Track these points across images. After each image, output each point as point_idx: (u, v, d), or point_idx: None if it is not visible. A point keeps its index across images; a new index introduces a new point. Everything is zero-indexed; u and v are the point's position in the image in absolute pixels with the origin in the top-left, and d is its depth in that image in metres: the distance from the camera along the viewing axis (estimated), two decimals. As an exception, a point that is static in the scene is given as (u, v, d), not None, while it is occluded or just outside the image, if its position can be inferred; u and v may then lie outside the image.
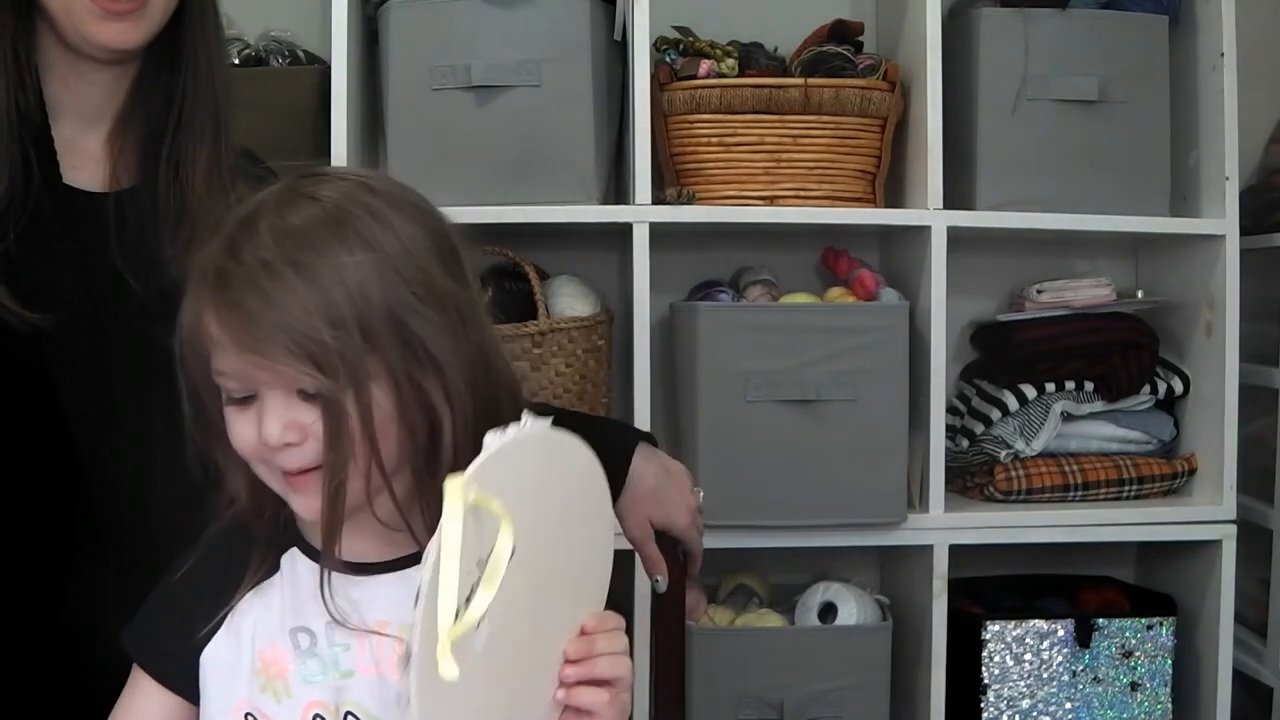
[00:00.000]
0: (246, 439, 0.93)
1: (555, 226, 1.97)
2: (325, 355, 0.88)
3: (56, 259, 1.18)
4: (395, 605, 0.97)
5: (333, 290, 0.89)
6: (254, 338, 0.89)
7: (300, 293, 0.88)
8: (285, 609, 0.98)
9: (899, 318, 1.99)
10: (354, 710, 0.96)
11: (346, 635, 0.96)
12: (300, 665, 0.96)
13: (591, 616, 0.93)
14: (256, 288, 0.89)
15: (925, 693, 2.01)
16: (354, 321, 0.89)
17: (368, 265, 0.90)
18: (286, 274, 0.89)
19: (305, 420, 0.91)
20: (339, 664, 0.96)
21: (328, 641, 0.97)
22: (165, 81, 1.24)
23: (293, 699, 0.95)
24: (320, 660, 0.96)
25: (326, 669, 0.96)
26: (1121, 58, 2.09)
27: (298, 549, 1.00)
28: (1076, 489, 2.10)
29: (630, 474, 1.29)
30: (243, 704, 0.96)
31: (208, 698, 0.98)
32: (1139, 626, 2.08)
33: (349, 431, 0.90)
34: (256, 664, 0.97)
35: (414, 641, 0.78)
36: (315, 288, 0.89)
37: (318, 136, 1.94)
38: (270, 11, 2.10)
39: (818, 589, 2.06)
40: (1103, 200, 2.08)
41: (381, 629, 0.97)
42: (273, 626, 0.97)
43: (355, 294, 0.89)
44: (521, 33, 1.93)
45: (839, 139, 2.02)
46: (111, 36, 1.17)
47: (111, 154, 1.24)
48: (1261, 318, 2.22)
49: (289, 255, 0.89)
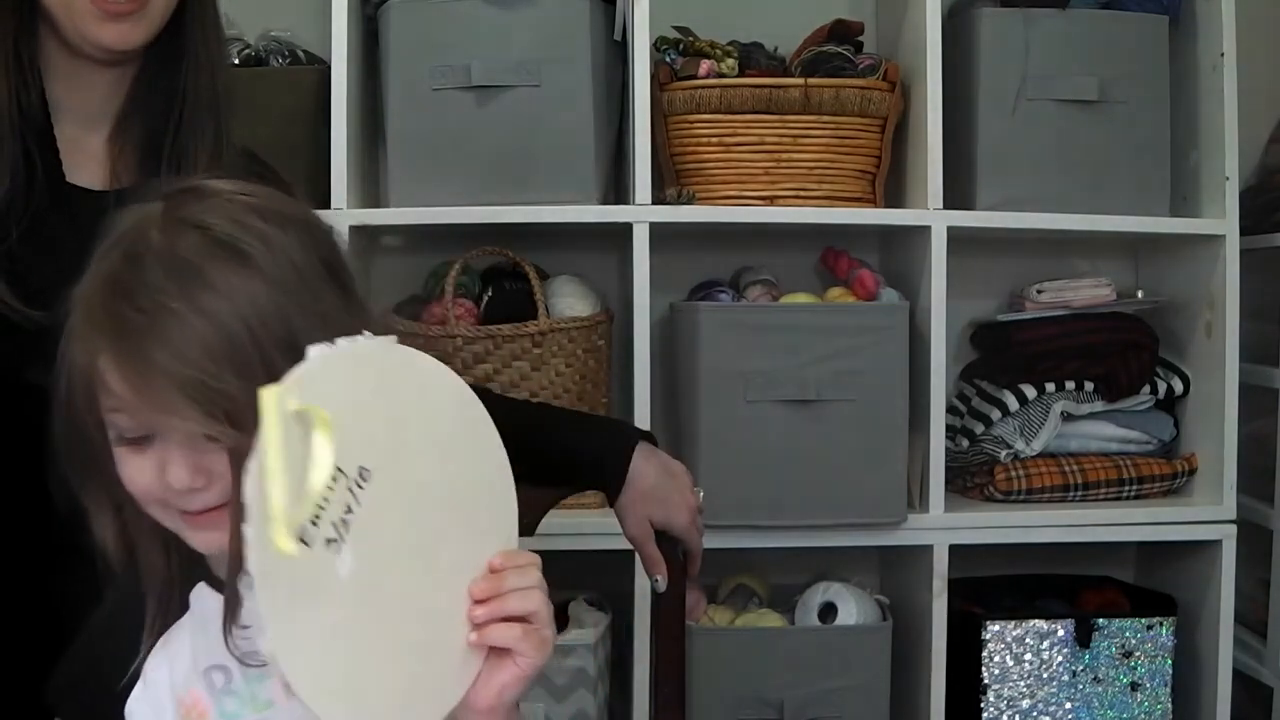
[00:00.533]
0: (142, 482, 0.88)
1: (555, 226, 1.97)
2: (233, 405, 0.82)
3: (59, 257, 1.18)
4: None
5: (233, 327, 0.84)
6: (157, 391, 0.84)
7: (201, 335, 0.83)
8: (197, 649, 0.94)
9: (899, 318, 1.99)
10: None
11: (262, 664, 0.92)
12: (218, 705, 0.93)
13: (499, 554, 0.89)
14: (156, 336, 0.83)
15: (925, 693, 2.01)
16: (256, 359, 0.83)
17: (264, 297, 0.85)
18: (185, 316, 0.83)
19: (210, 464, 0.87)
20: (256, 696, 0.93)
21: (243, 676, 0.93)
22: (166, 81, 1.24)
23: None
24: (237, 697, 0.93)
25: (244, 704, 0.93)
26: (1121, 58, 2.09)
27: (205, 584, 0.96)
28: (1076, 489, 2.10)
29: (630, 473, 1.29)
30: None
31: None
32: (1139, 626, 2.08)
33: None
34: (179, 712, 0.93)
35: (249, 529, 0.74)
36: (215, 327, 0.83)
37: (318, 136, 1.94)
38: (270, 11, 2.10)
39: (818, 589, 2.06)
40: (1103, 200, 2.08)
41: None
42: (186, 670, 0.94)
43: (255, 329, 0.84)
44: (521, 33, 1.93)
45: (839, 139, 2.02)
46: (112, 37, 1.17)
47: (113, 153, 1.24)
48: (1261, 318, 2.22)
49: (184, 292, 0.84)
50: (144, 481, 0.88)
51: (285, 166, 1.43)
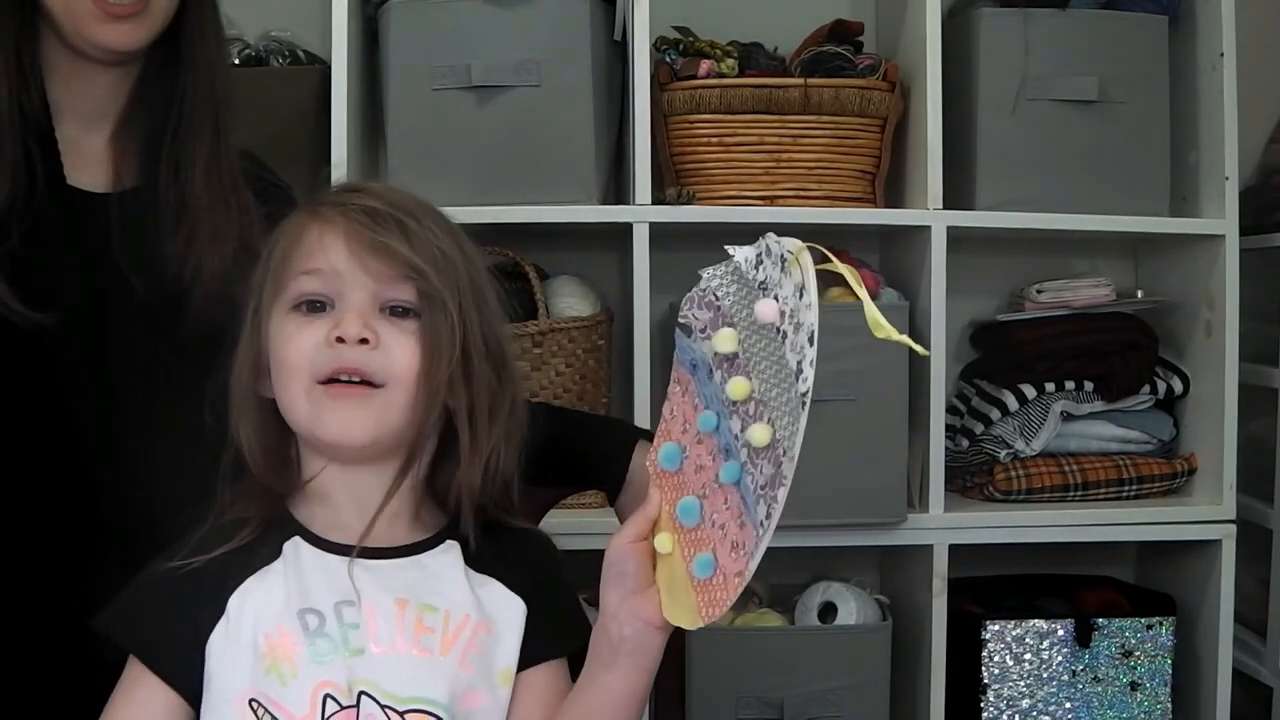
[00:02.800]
0: (305, 343, 0.97)
1: (555, 226, 1.97)
2: (442, 260, 0.98)
3: (60, 259, 1.18)
4: (409, 586, 0.99)
5: (446, 247, 1.00)
6: (370, 220, 0.97)
7: (425, 237, 0.99)
8: (290, 592, 0.98)
9: (899, 318, 1.99)
10: (367, 689, 0.95)
11: (356, 614, 0.97)
12: (309, 645, 0.96)
13: None
14: (388, 201, 0.99)
15: (925, 693, 2.01)
16: (463, 277, 1.00)
17: (466, 241, 1.02)
18: (411, 224, 0.99)
19: (379, 328, 0.97)
20: (348, 642, 0.96)
21: (337, 621, 0.97)
22: (166, 82, 1.24)
23: (299, 680, 0.95)
24: (330, 640, 0.96)
25: (335, 647, 0.96)
26: (1121, 58, 2.09)
27: (300, 538, 1.01)
28: (1076, 489, 2.10)
29: (630, 472, 1.29)
30: (246, 691, 0.96)
31: (211, 687, 0.97)
32: (1139, 626, 2.08)
33: (450, 338, 0.97)
34: (261, 648, 0.96)
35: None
36: (433, 239, 0.99)
37: (318, 136, 1.94)
38: (270, 11, 2.10)
39: (818, 589, 2.06)
40: (1103, 200, 2.08)
41: (400, 607, 0.98)
42: (277, 610, 0.97)
43: (455, 259, 1.00)
44: (521, 33, 1.94)
45: (839, 139, 2.02)
46: (113, 38, 1.17)
47: (114, 154, 1.24)
48: (1261, 318, 2.22)
49: (410, 211, 1.00)
50: (309, 344, 0.97)
51: (285, 166, 1.43)
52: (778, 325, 0.88)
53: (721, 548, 0.88)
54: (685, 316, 0.95)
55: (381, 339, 0.97)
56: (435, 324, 0.98)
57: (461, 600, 1.00)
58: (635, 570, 0.92)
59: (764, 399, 0.87)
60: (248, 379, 1.02)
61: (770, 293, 0.89)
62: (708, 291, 0.94)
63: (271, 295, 1.00)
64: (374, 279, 0.97)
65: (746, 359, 0.90)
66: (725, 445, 0.90)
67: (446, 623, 0.98)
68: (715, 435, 0.91)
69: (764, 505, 0.85)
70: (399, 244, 0.97)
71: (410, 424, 0.98)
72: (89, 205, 1.21)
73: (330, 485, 1.01)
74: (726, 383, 0.89)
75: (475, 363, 0.99)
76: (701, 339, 0.93)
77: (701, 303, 0.94)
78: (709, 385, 0.92)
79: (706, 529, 0.90)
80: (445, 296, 0.97)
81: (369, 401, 0.97)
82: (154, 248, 1.19)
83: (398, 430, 0.98)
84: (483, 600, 1.01)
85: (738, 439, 0.88)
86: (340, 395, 0.97)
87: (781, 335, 0.87)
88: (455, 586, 1.00)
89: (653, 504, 0.94)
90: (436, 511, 1.04)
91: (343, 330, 0.96)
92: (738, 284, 0.92)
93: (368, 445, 0.98)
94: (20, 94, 1.17)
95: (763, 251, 0.90)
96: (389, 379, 0.97)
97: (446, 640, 0.98)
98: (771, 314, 0.87)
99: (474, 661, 0.99)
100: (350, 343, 0.96)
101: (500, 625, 1.01)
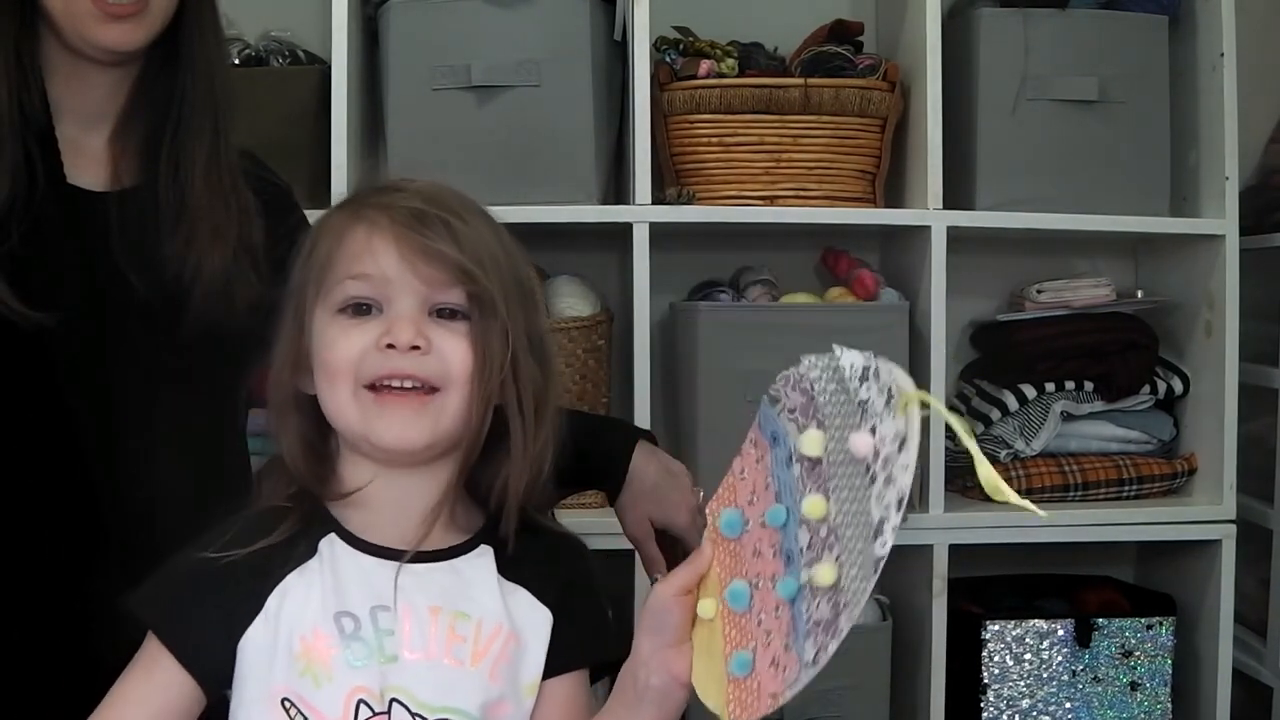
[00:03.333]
0: (353, 346, 0.96)
1: (555, 226, 1.97)
2: (496, 271, 0.97)
3: (60, 258, 1.18)
4: (445, 593, 0.99)
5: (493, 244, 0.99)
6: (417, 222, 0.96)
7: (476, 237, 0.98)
8: (326, 594, 0.97)
9: (899, 318, 1.99)
10: (399, 696, 0.95)
11: (391, 620, 0.97)
12: (344, 649, 0.95)
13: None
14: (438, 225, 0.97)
15: (925, 693, 2.01)
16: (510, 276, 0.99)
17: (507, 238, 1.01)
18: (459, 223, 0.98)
19: (430, 333, 0.96)
20: (383, 649, 0.96)
21: (373, 626, 0.96)
22: (166, 82, 1.24)
23: (334, 684, 0.95)
24: (365, 644, 0.96)
25: (371, 653, 0.96)
26: (1121, 58, 2.09)
27: (335, 535, 1.00)
28: (1076, 489, 2.10)
29: (630, 472, 1.29)
30: (279, 690, 0.95)
31: (243, 685, 0.97)
32: (1139, 626, 2.08)
33: (501, 338, 0.97)
34: (296, 649, 0.95)
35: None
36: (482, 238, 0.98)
37: (318, 136, 1.94)
38: (270, 11, 2.10)
39: (818, 589, 2.06)
40: (1103, 200, 2.08)
41: (433, 615, 0.97)
42: (314, 611, 0.96)
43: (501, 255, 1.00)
44: (521, 33, 1.94)
45: (839, 139, 2.02)
46: (113, 38, 1.17)
47: (114, 154, 1.24)
48: (1261, 318, 2.22)
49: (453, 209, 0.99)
50: (356, 347, 0.96)
51: (285, 166, 1.43)
52: (869, 465, 0.83)
53: (763, 654, 0.85)
54: (778, 391, 0.92)
55: (433, 343, 0.96)
56: (486, 326, 0.97)
57: (493, 609, 1.00)
58: (675, 624, 0.91)
59: (837, 530, 0.84)
60: (289, 378, 1.01)
61: (869, 422, 0.83)
62: (805, 379, 0.89)
63: (315, 296, 0.99)
64: (424, 283, 0.96)
65: (830, 474, 0.86)
66: (789, 551, 0.87)
67: (478, 632, 0.98)
68: (782, 532, 0.88)
69: (813, 645, 0.82)
70: (448, 247, 0.96)
71: (463, 426, 0.98)
72: (89, 204, 1.21)
73: (371, 487, 1.01)
74: (805, 492, 0.86)
75: (523, 361, 0.99)
76: (789, 419, 0.90)
77: (797, 386, 0.90)
78: (785, 471, 0.89)
79: (752, 624, 0.87)
80: (496, 298, 0.97)
81: (425, 407, 0.96)
82: (153, 247, 1.19)
83: (452, 433, 0.98)
84: (511, 609, 1.00)
85: (802, 554, 0.85)
86: (394, 401, 0.96)
87: (870, 477, 0.83)
88: (488, 594, 1.00)
89: (704, 559, 0.92)
90: (473, 512, 1.04)
91: (395, 337, 0.95)
92: (837, 386, 0.87)
93: (423, 450, 0.98)
94: (21, 94, 1.17)
95: (872, 368, 0.85)
96: (444, 383, 0.97)
97: (478, 651, 0.98)
98: (866, 449, 0.82)
99: (503, 673, 0.99)
100: (402, 349, 0.95)
101: (527, 636, 1.00)
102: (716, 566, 0.91)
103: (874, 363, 0.85)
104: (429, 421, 0.96)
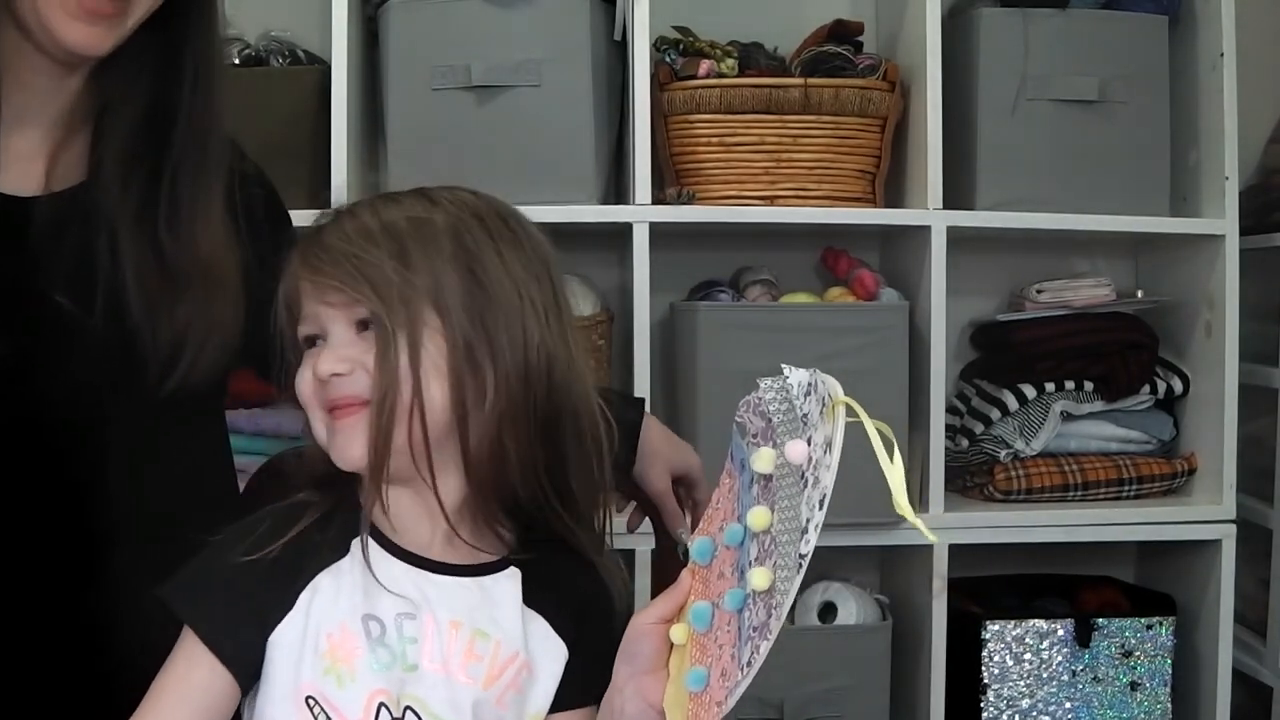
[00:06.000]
0: (306, 379, 1.00)
1: (555, 226, 1.93)
2: (385, 286, 0.96)
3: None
4: (469, 609, 0.99)
5: (396, 221, 1.00)
6: (323, 264, 0.98)
7: (364, 224, 1.00)
8: (356, 595, 0.98)
9: (899, 318, 1.99)
10: (414, 705, 0.96)
11: (415, 629, 0.97)
12: (370, 653, 0.96)
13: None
14: (341, 232, 1.00)
15: (925, 693, 2.01)
16: (425, 269, 0.98)
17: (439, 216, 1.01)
18: (359, 213, 1.01)
19: (357, 353, 0.97)
20: (406, 657, 0.97)
21: (397, 633, 0.97)
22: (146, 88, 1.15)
23: (356, 685, 0.95)
24: (390, 650, 0.96)
25: (395, 659, 0.96)
26: (1121, 58, 2.09)
27: (368, 535, 1.00)
28: (1076, 489, 2.10)
29: (642, 437, 1.30)
30: (306, 687, 0.96)
31: (272, 680, 0.97)
32: (1139, 626, 2.08)
33: (396, 358, 0.96)
34: (323, 647, 0.96)
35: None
36: (379, 220, 1.00)
37: (318, 137, 1.94)
38: (270, 11, 2.10)
39: (818, 589, 2.06)
40: (1103, 200, 2.08)
41: (454, 629, 0.98)
42: (343, 610, 0.97)
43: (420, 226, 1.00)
44: (521, 33, 1.94)
45: (839, 139, 2.02)
46: (81, 39, 1.08)
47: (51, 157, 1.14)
48: (1261, 318, 2.22)
49: (370, 204, 1.02)
50: (309, 379, 0.99)
51: (285, 166, 1.42)
52: (804, 470, 0.86)
53: (715, 668, 0.87)
54: (741, 418, 0.94)
55: (359, 360, 0.98)
56: (383, 339, 0.97)
57: (513, 633, 1.00)
58: (649, 652, 0.92)
59: (777, 539, 0.86)
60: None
61: (806, 432, 0.86)
62: (761, 401, 0.91)
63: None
64: (337, 308, 0.99)
65: (777, 488, 0.88)
66: (741, 566, 0.88)
67: (496, 654, 0.99)
68: (739, 550, 0.89)
69: (750, 649, 0.84)
70: (338, 270, 0.98)
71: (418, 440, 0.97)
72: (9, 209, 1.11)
73: (395, 495, 1.01)
74: (752, 508, 0.88)
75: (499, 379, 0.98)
76: (752, 444, 0.91)
77: (756, 410, 0.92)
78: (748, 494, 0.90)
79: (712, 642, 0.89)
80: (386, 319, 0.96)
81: (362, 421, 0.97)
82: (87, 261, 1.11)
83: (401, 446, 0.97)
84: (530, 638, 1.01)
85: (750, 566, 0.87)
86: (340, 418, 0.99)
87: (804, 482, 0.85)
88: (510, 618, 1.00)
89: (681, 589, 0.93)
90: (509, 529, 1.03)
91: (318, 368, 0.98)
92: (788, 405, 0.90)
93: (365, 465, 0.98)
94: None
95: (814, 383, 0.88)
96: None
97: (491, 674, 0.98)
98: (800, 456, 0.85)
99: (510, 701, 0.99)
100: (324, 379, 0.98)
101: (540, 668, 1.01)
102: (693, 595, 0.92)
103: (815, 378, 0.88)
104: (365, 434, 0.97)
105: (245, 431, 1.89)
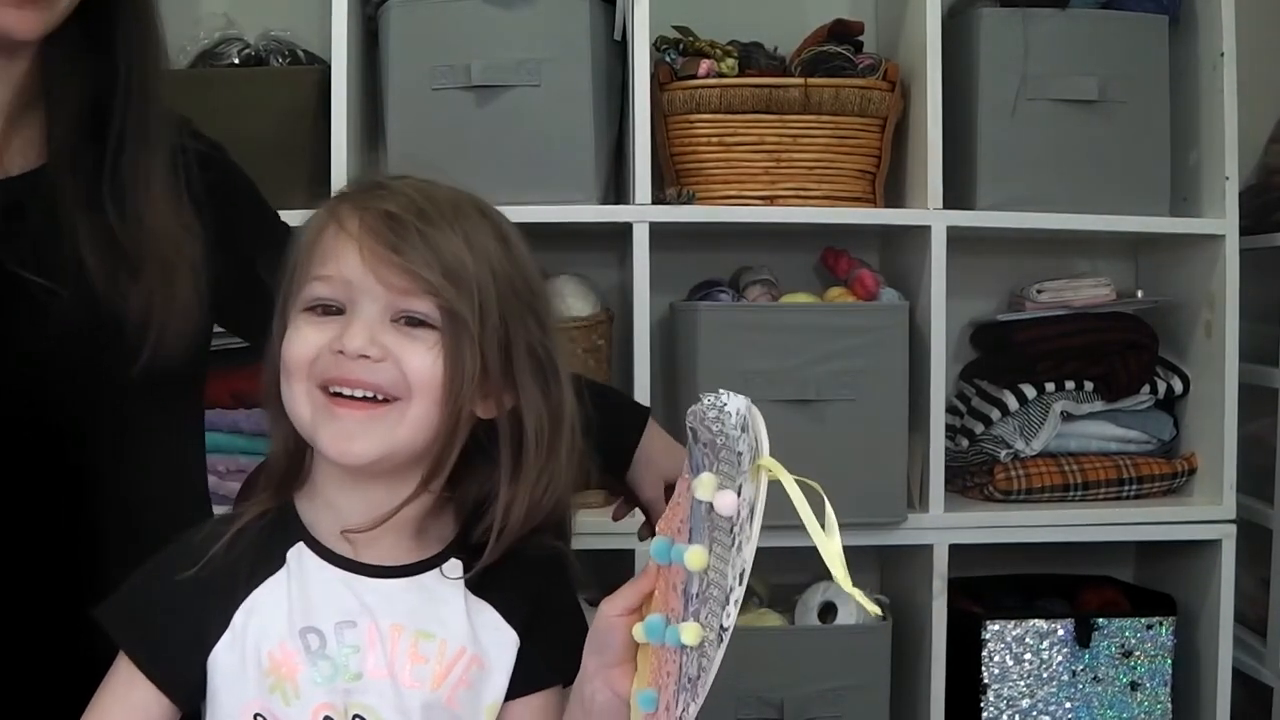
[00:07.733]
0: (308, 344, 0.94)
1: (555, 226, 1.97)
2: (474, 283, 0.93)
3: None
4: (410, 612, 0.98)
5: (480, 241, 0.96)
6: (400, 241, 0.93)
7: (456, 231, 0.95)
8: (294, 608, 0.96)
9: (899, 318, 1.99)
10: (362, 714, 0.95)
11: (357, 636, 0.96)
12: (311, 667, 0.95)
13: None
14: (412, 204, 0.95)
15: (925, 693, 2.01)
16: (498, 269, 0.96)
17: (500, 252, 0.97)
18: (445, 229, 0.95)
19: (391, 342, 0.93)
20: (348, 666, 0.95)
21: (337, 643, 0.96)
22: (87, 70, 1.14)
23: (301, 701, 0.94)
24: (331, 662, 0.95)
25: (337, 671, 0.95)
26: (1121, 58, 2.09)
27: (304, 545, 0.99)
28: (1076, 489, 2.10)
29: (642, 444, 1.31)
30: (252, 704, 0.95)
31: (216, 700, 0.96)
32: (1139, 626, 2.08)
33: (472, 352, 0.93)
34: (265, 664, 0.95)
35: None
36: (477, 230, 0.96)
37: (318, 136, 1.94)
38: (270, 11, 2.10)
39: (817, 588, 2.06)
40: (1103, 200, 2.08)
41: (396, 633, 0.97)
42: (280, 626, 0.96)
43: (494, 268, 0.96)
44: (521, 33, 1.93)
45: (839, 139, 2.02)
46: (12, 23, 1.06)
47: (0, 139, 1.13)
48: (1261, 318, 2.22)
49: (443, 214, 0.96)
50: (311, 345, 0.94)
51: (285, 166, 1.41)
52: (733, 524, 0.80)
53: (664, 695, 0.85)
54: (693, 424, 0.89)
55: (392, 351, 0.93)
56: (456, 339, 0.93)
57: (458, 629, 0.98)
58: (617, 645, 0.91)
59: (708, 591, 0.82)
60: (276, 377, 0.99)
61: (738, 480, 0.81)
62: (705, 417, 0.86)
63: (289, 295, 0.98)
64: (388, 290, 0.93)
65: (715, 524, 0.83)
66: (688, 593, 0.86)
67: (442, 653, 0.97)
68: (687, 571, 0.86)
69: (684, 699, 0.81)
70: (416, 256, 0.93)
71: (430, 440, 0.95)
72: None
73: (336, 493, 0.99)
74: (689, 545, 0.84)
75: (520, 376, 0.96)
76: (702, 453, 0.87)
77: (703, 422, 0.87)
78: (697, 508, 0.87)
79: (663, 662, 0.87)
80: (465, 313, 0.93)
81: (376, 419, 0.94)
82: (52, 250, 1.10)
83: (412, 446, 0.95)
84: (477, 630, 0.99)
85: (691, 602, 0.84)
86: (344, 410, 0.94)
87: (733, 540, 0.80)
88: (454, 613, 0.99)
89: (646, 580, 0.91)
90: (449, 522, 1.02)
91: (345, 343, 0.92)
92: (726, 434, 0.84)
93: (368, 465, 0.95)
94: None
95: (748, 418, 0.82)
96: (402, 392, 0.94)
97: (439, 674, 0.97)
98: (729, 508, 0.81)
99: (462, 698, 0.98)
100: (350, 356, 0.92)
101: (491, 659, 0.99)
102: (657, 591, 0.91)
103: (749, 413, 0.83)
104: (380, 433, 0.94)
105: (245, 431, 1.89)
